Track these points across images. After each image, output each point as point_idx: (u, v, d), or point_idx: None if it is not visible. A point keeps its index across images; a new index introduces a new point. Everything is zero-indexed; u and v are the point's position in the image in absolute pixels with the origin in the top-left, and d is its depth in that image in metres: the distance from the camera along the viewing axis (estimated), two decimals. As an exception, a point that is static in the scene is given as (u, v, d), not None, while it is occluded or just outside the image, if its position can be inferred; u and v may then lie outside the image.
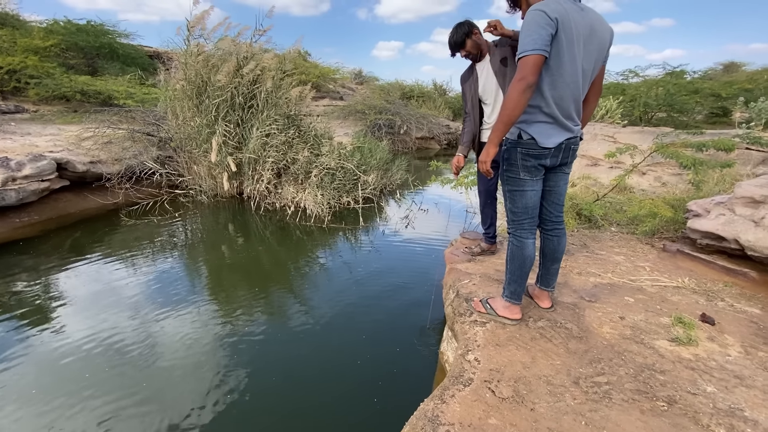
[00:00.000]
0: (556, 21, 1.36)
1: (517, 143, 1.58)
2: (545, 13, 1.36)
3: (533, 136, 1.53)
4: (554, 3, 1.40)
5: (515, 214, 1.70)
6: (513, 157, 1.61)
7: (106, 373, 2.26)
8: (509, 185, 1.68)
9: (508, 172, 1.66)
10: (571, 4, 1.44)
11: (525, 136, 1.55)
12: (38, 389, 2.13)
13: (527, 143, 1.55)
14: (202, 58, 5.30)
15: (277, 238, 4.55)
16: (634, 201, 3.39)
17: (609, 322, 1.86)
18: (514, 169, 1.63)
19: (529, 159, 1.58)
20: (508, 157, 1.64)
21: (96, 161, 5.18)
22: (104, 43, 9.30)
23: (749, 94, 9.58)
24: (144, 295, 3.18)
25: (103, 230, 4.51)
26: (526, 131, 1.54)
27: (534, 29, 1.37)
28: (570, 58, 1.44)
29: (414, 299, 3.17)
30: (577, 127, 1.60)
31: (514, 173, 1.63)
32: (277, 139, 5.38)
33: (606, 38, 1.53)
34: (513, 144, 1.60)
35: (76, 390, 2.13)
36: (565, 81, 1.47)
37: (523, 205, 1.67)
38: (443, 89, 16.61)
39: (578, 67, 1.48)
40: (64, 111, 7.43)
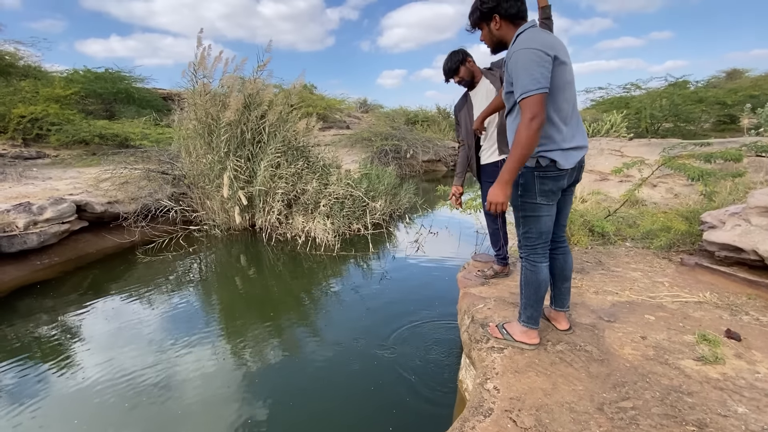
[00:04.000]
0: (553, 57, 1.43)
1: (535, 169, 1.57)
2: (542, 51, 1.41)
3: (554, 159, 1.53)
4: (542, 35, 1.47)
5: (529, 240, 1.69)
6: (529, 183, 1.59)
7: (126, 412, 2.26)
8: (524, 211, 1.66)
9: (523, 197, 1.63)
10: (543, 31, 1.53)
11: (544, 162, 1.54)
12: (57, 430, 2.13)
13: (546, 168, 1.55)
14: (209, 97, 5.53)
15: (288, 269, 4.58)
16: (647, 215, 3.35)
17: (630, 343, 1.81)
18: (530, 194, 1.61)
19: (548, 182, 1.57)
20: (524, 182, 1.61)
21: (113, 201, 5.35)
22: (121, 88, 9.80)
23: (755, 100, 9.54)
24: (160, 331, 3.20)
25: (120, 269, 4.61)
26: (546, 156, 1.54)
27: (534, 68, 1.40)
28: (568, 81, 1.52)
29: (428, 325, 3.13)
30: (586, 139, 1.64)
31: (531, 199, 1.61)
32: (286, 170, 5.51)
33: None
34: (530, 170, 1.58)
35: (96, 430, 2.13)
36: (568, 102, 1.53)
37: (537, 231, 1.66)
38: (447, 113, 16.90)
39: (574, 86, 1.57)
40: (83, 154, 7.76)
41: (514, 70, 1.45)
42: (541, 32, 1.51)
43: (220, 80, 5.75)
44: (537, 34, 1.48)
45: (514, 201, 1.67)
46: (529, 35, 1.48)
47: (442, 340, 2.90)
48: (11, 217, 4.37)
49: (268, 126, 5.62)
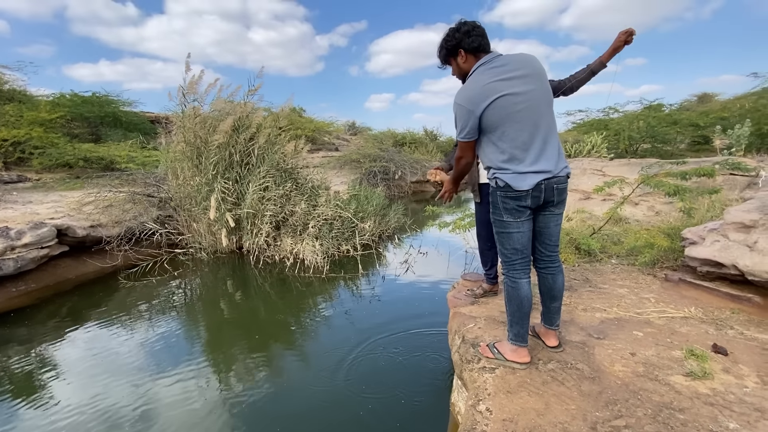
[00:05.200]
0: (472, 112, 1.60)
1: (497, 189, 1.69)
2: (465, 107, 1.61)
3: (507, 182, 1.63)
4: (480, 80, 1.60)
5: (505, 255, 1.75)
6: (496, 201, 1.71)
7: (101, 449, 2.14)
8: (496, 227, 1.76)
9: (494, 214, 1.75)
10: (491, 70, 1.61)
11: (500, 183, 1.65)
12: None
13: (504, 188, 1.65)
14: (199, 120, 5.55)
15: (276, 292, 4.50)
16: (630, 232, 3.42)
17: (620, 360, 1.82)
18: (498, 211, 1.72)
19: (509, 201, 1.66)
20: (493, 200, 1.73)
21: (96, 225, 5.24)
22: (108, 112, 9.78)
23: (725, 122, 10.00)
24: (142, 359, 3.08)
25: (100, 294, 4.46)
26: (500, 178, 1.65)
27: (460, 120, 1.66)
28: (518, 110, 1.57)
29: (418, 346, 3.08)
30: (554, 167, 1.62)
31: (498, 215, 1.72)
32: (274, 192, 5.50)
33: (537, 65, 1.66)
34: (494, 190, 1.71)
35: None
36: (524, 130, 1.58)
37: (511, 246, 1.72)
38: (434, 134, 17.24)
39: (529, 112, 1.59)
40: (66, 178, 7.62)
41: (453, 113, 1.69)
42: (482, 74, 1.61)
43: (210, 104, 5.81)
44: (475, 79, 1.63)
45: (491, 218, 1.78)
46: (469, 81, 1.66)
47: (433, 362, 2.86)
48: (-13, 243, 4.22)
49: (256, 148, 5.64)
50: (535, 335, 1.99)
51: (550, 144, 1.64)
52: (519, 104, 1.57)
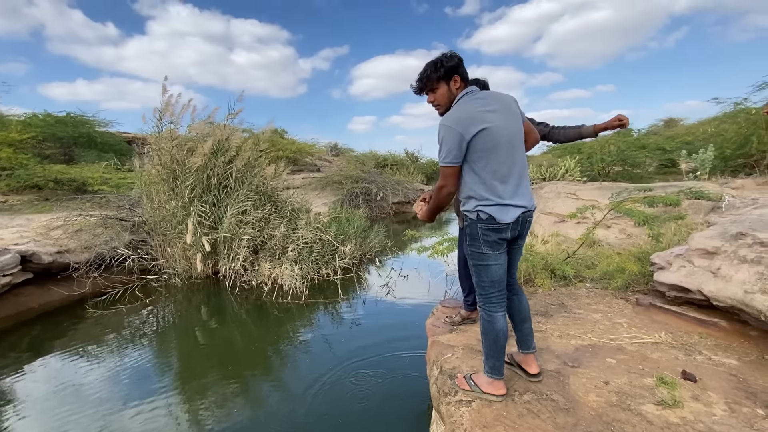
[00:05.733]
0: (462, 136, 1.59)
1: (477, 221, 1.67)
2: (455, 129, 1.59)
3: (491, 215, 1.64)
4: (467, 107, 1.64)
5: (482, 288, 1.74)
6: (474, 233, 1.69)
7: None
8: (474, 260, 1.74)
9: (471, 247, 1.72)
10: (476, 101, 1.66)
11: (483, 215, 1.65)
12: None
13: (486, 221, 1.65)
14: (176, 143, 5.47)
15: (253, 318, 4.38)
16: (603, 256, 3.51)
17: (594, 389, 1.83)
18: (476, 244, 1.70)
19: (490, 234, 1.66)
20: (471, 232, 1.71)
21: (63, 251, 5.02)
22: (83, 132, 9.56)
23: (690, 146, 10.56)
24: (107, 392, 2.92)
25: (65, 324, 4.23)
26: (484, 211, 1.65)
27: (447, 143, 1.62)
28: (499, 143, 1.63)
29: (400, 373, 3.03)
30: (528, 202, 1.72)
31: (477, 248, 1.70)
32: (252, 216, 5.42)
33: (514, 105, 1.73)
34: (474, 222, 1.69)
35: None
36: (503, 163, 1.64)
37: (489, 279, 1.71)
38: (415, 156, 17.53)
39: (509, 147, 1.65)
40: (35, 200, 7.34)
41: (438, 138, 1.66)
42: (469, 102, 1.66)
43: (188, 126, 5.75)
44: (463, 106, 1.66)
45: (467, 250, 1.77)
46: (457, 106, 1.67)
47: (413, 393, 2.81)
48: (-58, 271, 3.99)
49: (235, 171, 5.59)
50: (514, 365, 1.97)
51: (525, 179, 1.72)
52: (502, 137, 1.63)
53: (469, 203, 1.70)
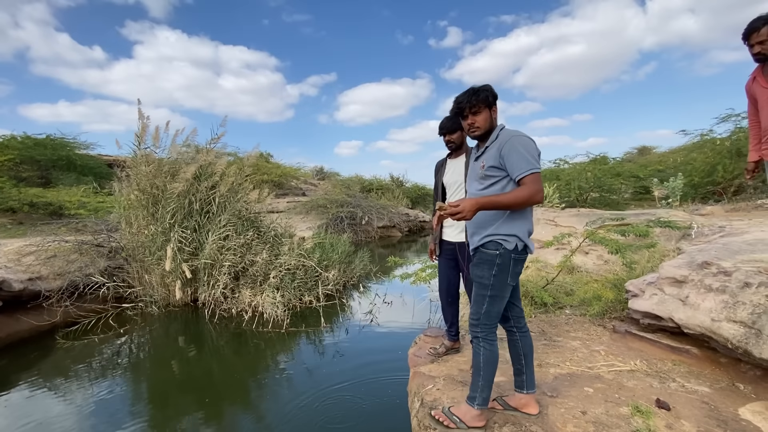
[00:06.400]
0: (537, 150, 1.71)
1: (512, 251, 1.70)
2: (533, 140, 1.70)
3: (527, 245, 1.72)
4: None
5: (490, 318, 1.75)
6: (506, 264, 1.70)
7: None
8: (493, 290, 1.72)
9: (497, 277, 1.71)
10: None
11: (520, 246, 1.70)
12: None
13: (520, 252, 1.71)
14: (153, 168, 5.41)
15: (232, 348, 4.26)
16: (581, 282, 3.60)
17: (572, 419, 1.84)
18: (504, 275, 1.71)
19: (519, 265, 1.74)
20: (501, 263, 1.70)
21: (35, 278, 4.84)
22: (62, 155, 9.40)
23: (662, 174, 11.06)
24: (74, 428, 2.76)
25: (33, 355, 4.03)
26: (523, 241, 1.71)
27: (532, 151, 1.67)
28: None
29: (381, 403, 2.98)
30: None
31: (503, 279, 1.71)
32: (234, 241, 5.36)
33: None
34: (508, 252, 1.70)
35: None
36: None
37: (497, 310, 1.76)
38: (400, 181, 17.76)
39: None
40: (8, 224, 7.10)
41: (514, 151, 1.66)
42: None
43: (169, 150, 5.71)
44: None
45: (485, 279, 1.72)
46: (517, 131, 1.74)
47: (395, 426, 2.75)
48: None
49: (218, 197, 5.56)
50: (509, 408, 1.90)
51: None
52: None
53: (506, 229, 1.71)
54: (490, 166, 1.74)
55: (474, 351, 1.78)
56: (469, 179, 1.94)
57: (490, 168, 1.75)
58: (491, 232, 1.73)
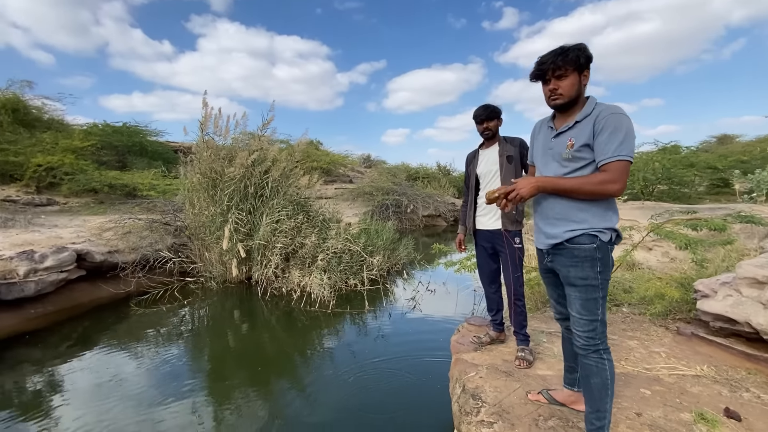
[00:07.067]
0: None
1: (609, 243, 1.48)
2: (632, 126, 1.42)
3: (619, 234, 1.53)
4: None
5: (605, 325, 1.51)
6: (607, 258, 1.48)
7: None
8: (604, 290, 1.49)
9: (603, 274, 1.48)
10: None
11: (613, 236, 1.50)
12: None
13: (614, 243, 1.51)
14: (212, 153, 5.77)
15: (282, 325, 4.50)
16: (642, 280, 3.34)
17: (625, 420, 1.74)
18: (608, 270, 1.50)
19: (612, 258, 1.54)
20: (603, 257, 1.47)
21: (113, 251, 5.41)
22: (136, 141, 10.30)
23: (746, 165, 9.85)
24: (144, 386, 3.09)
25: (111, 320, 4.54)
26: (617, 231, 1.52)
27: (632, 136, 1.39)
28: None
29: (421, 391, 3.01)
30: None
31: (608, 275, 1.51)
32: (286, 224, 5.61)
33: None
34: (604, 244, 1.47)
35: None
36: None
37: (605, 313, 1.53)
38: (447, 170, 17.45)
39: None
40: (91, 203, 7.97)
41: (609, 129, 1.38)
42: None
43: (223, 136, 6.06)
44: None
45: (592, 280, 1.47)
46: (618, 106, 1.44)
47: (435, 409, 2.77)
48: (13, 265, 4.41)
49: (271, 181, 5.82)
50: (554, 403, 1.84)
51: None
52: None
53: (600, 220, 1.47)
54: (582, 145, 1.45)
55: (594, 368, 1.49)
56: (543, 160, 1.62)
57: (581, 148, 1.45)
58: (582, 223, 1.47)
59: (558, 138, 1.55)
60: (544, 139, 1.64)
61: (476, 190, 2.57)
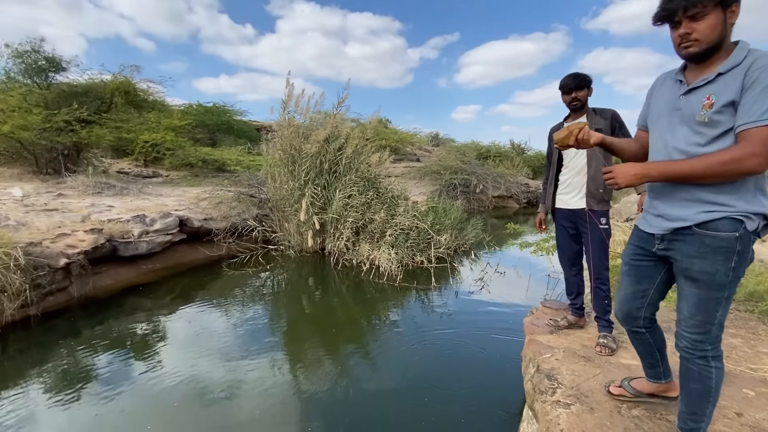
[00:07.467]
0: None
1: (754, 232, 1.17)
2: None
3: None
4: None
5: (722, 329, 1.29)
6: (747, 251, 1.19)
7: (187, 411, 2.49)
8: (731, 289, 1.22)
9: (736, 270, 1.19)
10: None
11: (761, 224, 1.18)
12: (131, 411, 2.42)
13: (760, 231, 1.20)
14: (293, 130, 6.13)
15: (351, 293, 4.76)
16: (752, 274, 2.95)
17: (723, 419, 1.61)
18: (743, 267, 1.20)
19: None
20: (743, 249, 1.17)
21: (208, 218, 6.09)
22: (224, 120, 11.29)
23: None
24: (231, 338, 3.51)
25: (206, 279, 5.17)
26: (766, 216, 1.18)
27: None
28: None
29: (487, 368, 3.02)
30: None
31: (741, 272, 1.22)
32: (357, 200, 5.83)
33: None
34: (747, 234, 1.17)
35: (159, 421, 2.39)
36: None
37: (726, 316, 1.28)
38: (521, 148, 16.53)
39: None
40: (188, 176, 8.98)
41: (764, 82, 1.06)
42: None
43: (303, 114, 6.39)
44: None
45: (720, 276, 1.19)
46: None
47: (502, 386, 2.79)
48: (129, 227, 5.18)
49: (344, 158, 6.05)
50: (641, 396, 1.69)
51: None
52: None
53: (753, 202, 1.16)
54: (725, 105, 1.11)
55: (696, 374, 1.30)
56: (668, 123, 1.27)
57: (724, 108, 1.12)
58: (723, 205, 1.16)
59: (691, 95, 1.21)
60: (670, 96, 1.28)
61: (558, 168, 2.44)
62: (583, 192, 2.27)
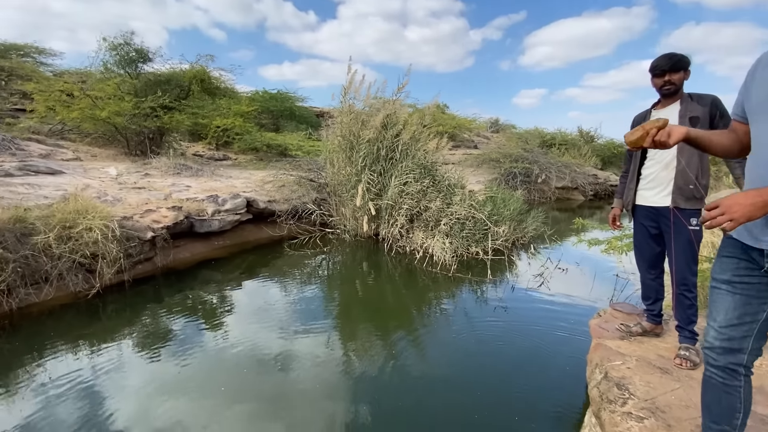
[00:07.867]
0: None
1: None
2: None
3: None
4: None
5: None
6: None
7: (245, 376, 2.67)
8: None
9: None
10: None
11: None
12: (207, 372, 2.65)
13: None
14: (353, 117, 6.19)
15: (404, 281, 4.79)
16: None
17: None
18: None
19: None
20: None
21: (272, 200, 6.43)
22: (286, 106, 11.74)
23: None
24: (290, 313, 3.73)
25: (269, 257, 5.51)
26: None
27: None
28: None
29: (543, 366, 2.88)
30: None
31: None
32: (412, 187, 5.79)
33: None
34: None
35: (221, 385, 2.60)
36: None
37: None
38: (591, 136, 15.30)
39: None
40: (254, 159, 9.51)
41: None
42: None
43: (362, 101, 6.42)
44: None
45: None
46: None
47: (560, 387, 2.64)
48: (204, 205, 5.63)
49: (401, 144, 6.01)
50: None
51: None
52: None
53: None
54: None
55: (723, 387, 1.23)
56: None
57: None
58: None
59: None
60: None
61: (641, 161, 2.20)
62: (670, 188, 2.04)
